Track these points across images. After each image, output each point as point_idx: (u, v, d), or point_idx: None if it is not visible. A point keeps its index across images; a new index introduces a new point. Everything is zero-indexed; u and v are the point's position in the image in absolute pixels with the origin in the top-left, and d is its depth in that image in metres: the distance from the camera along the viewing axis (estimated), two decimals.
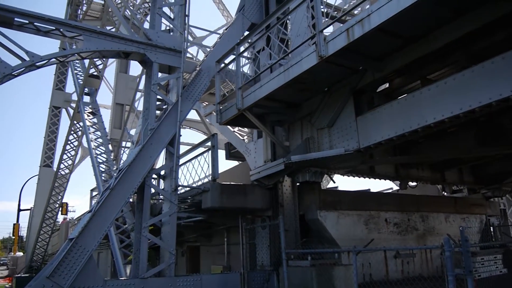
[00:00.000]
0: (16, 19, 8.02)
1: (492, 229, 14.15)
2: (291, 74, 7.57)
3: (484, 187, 14.40)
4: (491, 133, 10.12)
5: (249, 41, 9.40)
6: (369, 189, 15.66)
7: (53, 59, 8.38)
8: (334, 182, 10.76)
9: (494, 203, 15.67)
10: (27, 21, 8.09)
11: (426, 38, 6.72)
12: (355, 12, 8.86)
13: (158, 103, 9.30)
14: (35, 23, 8.16)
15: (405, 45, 7.01)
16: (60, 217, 29.28)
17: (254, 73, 9.20)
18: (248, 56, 10.86)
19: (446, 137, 10.81)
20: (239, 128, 13.11)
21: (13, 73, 7.77)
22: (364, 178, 12.17)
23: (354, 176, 11.90)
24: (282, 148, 9.80)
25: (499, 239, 14.23)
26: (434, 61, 7.39)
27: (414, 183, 13.70)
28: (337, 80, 8.30)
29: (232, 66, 9.80)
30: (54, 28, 8.33)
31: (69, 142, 21.83)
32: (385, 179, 12.68)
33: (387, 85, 8.88)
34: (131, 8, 18.89)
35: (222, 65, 9.90)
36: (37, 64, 8.07)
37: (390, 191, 19.54)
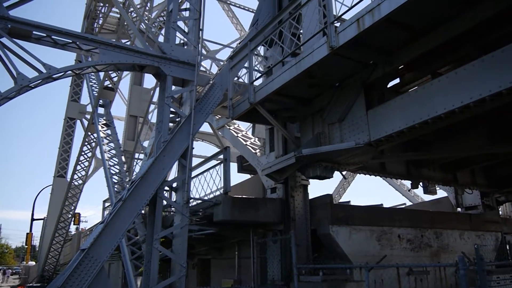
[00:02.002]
0: (34, 32, 8.21)
1: (508, 247, 13.88)
2: (303, 65, 7.63)
3: (498, 190, 14.16)
4: (502, 131, 10.08)
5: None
6: (382, 204, 15.50)
7: (69, 72, 8.52)
8: (345, 179, 10.65)
9: (511, 221, 15.40)
10: (45, 34, 8.27)
11: (436, 31, 6.73)
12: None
13: (171, 115, 9.37)
14: (52, 36, 8.34)
15: (415, 38, 7.03)
16: (73, 227, 29.49)
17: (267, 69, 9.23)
18: (261, 54, 10.95)
19: (458, 136, 10.73)
20: (252, 142, 13.12)
21: (30, 85, 7.92)
22: (375, 176, 12.00)
23: (365, 174, 11.74)
24: (294, 143, 9.78)
25: None
26: (444, 55, 7.40)
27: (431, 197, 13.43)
28: (348, 75, 8.33)
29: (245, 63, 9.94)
30: (71, 41, 8.50)
31: (83, 153, 22.04)
32: (396, 178, 12.48)
33: (397, 80, 8.88)
34: (146, 21, 19.18)
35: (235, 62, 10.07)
36: (54, 76, 8.22)
37: (403, 206, 19.36)
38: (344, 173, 10.49)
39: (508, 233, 14.14)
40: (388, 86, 8.79)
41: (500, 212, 16.89)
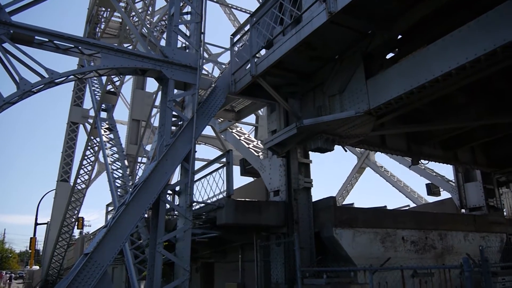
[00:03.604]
0: (36, 37, 8.24)
1: None
2: (302, 34, 7.74)
3: (498, 170, 14.21)
4: (500, 104, 10.27)
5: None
6: (386, 206, 15.44)
7: (72, 76, 8.54)
8: (345, 151, 10.73)
9: None
10: (47, 39, 8.28)
11: None
12: None
13: (173, 119, 9.38)
14: (54, 41, 8.35)
15: (412, 5, 7.20)
16: (76, 232, 29.53)
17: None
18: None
19: (456, 111, 10.93)
20: (254, 144, 13.11)
21: (32, 90, 7.93)
22: (376, 151, 12.04)
23: (366, 149, 11.74)
24: (295, 117, 9.81)
25: None
26: (441, 22, 7.50)
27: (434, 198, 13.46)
28: (347, 46, 8.48)
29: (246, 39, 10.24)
30: (73, 46, 8.51)
31: (86, 157, 22.06)
32: (396, 154, 12.53)
33: (397, 51, 9.01)
34: (148, 26, 19.23)
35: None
36: (56, 81, 8.23)
37: (407, 208, 19.31)
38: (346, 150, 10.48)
39: None
40: (387, 57, 8.93)
41: (505, 213, 16.84)
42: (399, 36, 8.71)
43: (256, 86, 9.58)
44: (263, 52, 9.57)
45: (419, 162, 12.71)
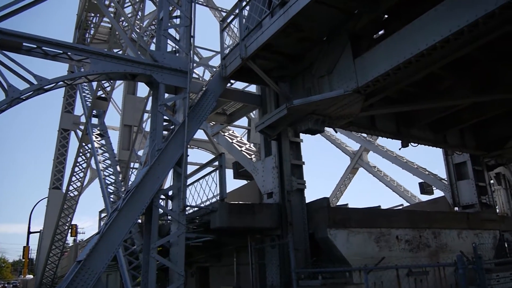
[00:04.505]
0: (24, 43, 8.16)
1: (506, 245, 13.87)
2: (289, 14, 7.97)
3: (487, 154, 14.38)
4: (485, 81, 10.63)
5: None
6: (380, 206, 15.48)
7: (61, 82, 8.48)
8: (336, 132, 10.84)
9: (508, 218, 15.41)
10: (35, 46, 8.21)
11: None
12: None
13: (165, 123, 9.32)
14: (43, 48, 8.28)
15: None
16: (70, 239, 29.32)
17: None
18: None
19: (444, 90, 11.26)
20: (247, 147, 13.09)
21: (21, 97, 7.86)
22: (366, 134, 12.10)
23: (356, 131, 11.86)
24: (286, 99, 9.92)
25: None
26: None
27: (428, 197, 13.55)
28: (334, 27, 8.70)
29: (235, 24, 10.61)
30: (61, 52, 8.45)
31: (77, 164, 21.94)
32: (386, 136, 12.70)
33: (383, 31, 9.21)
34: (138, 30, 19.17)
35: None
36: (45, 87, 8.16)
37: (400, 207, 19.36)
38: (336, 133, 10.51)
39: (506, 231, 14.13)
40: (375, 37, 9.13)
41: (498, 210, 16.94)
42: (386, 16, 8.99)
43: (246, 70, 9.84)
44: None
45: (409, 144, 12.79)
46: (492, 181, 18.10)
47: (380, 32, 9.29)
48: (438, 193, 16.84)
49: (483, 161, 14.66)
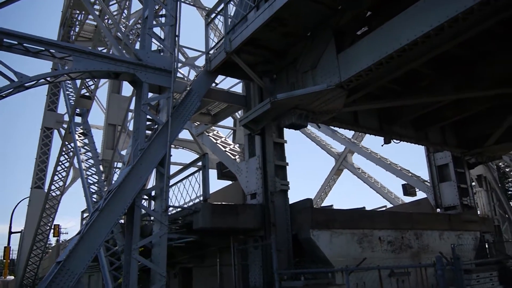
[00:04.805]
0: (5, 40, 7.99)
1: (487, 246, 14.08)
2: (274, 7, 8.06)
3: (467, 152, 14.64)
4: (466, 79, 10.88)
5: None
6: (364, 207, 15.57)
7: (42, 80, 8.33)
8: (319, 127, 10.96)
9: (489, 220, 15.65)
10: (16, 42, 8.05)
11: None
12: None
13: (148, 123, 9.24)
14: (24, 44, 8.11)
15: None
16: (53, 240, 28.94)
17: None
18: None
19: (425, 87, 11.51)
20: (231, 148, 13.06)
21: (1, 94, 7.71)
22: (349, 130, 12.26)
23: (339, 127, 12.05)
24: (270, 94, 9.93)
25: (494, 255, 14.16)
26: None
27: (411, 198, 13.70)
28: (318, 22, 8.84)
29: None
30: (43, 48, 8.30)
31: (60, 163, 21.67)
32: (369, 133, 12.91)
33: (366, 28, 9.32)
34: (123, 29, 19.01)
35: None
36: (26, 84, 8.00)
37: (384, 209, 19.53)
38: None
39: (486, 232, 14.36)
40: (358, 34, 9.23)
41: (479, 212, 17.19)
42: (369, 13, 9.14)
43: (231, 65, 9.93)
44: None
45: (391, 141, 12.95)
46: (473, 183, 18.38)
47: (364, 29, 9.43)
48: (421, 195, 17.06)
49: (465, 160, 14.89)
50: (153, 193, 9.01)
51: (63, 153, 21.02)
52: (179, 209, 10.13)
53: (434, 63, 10.59)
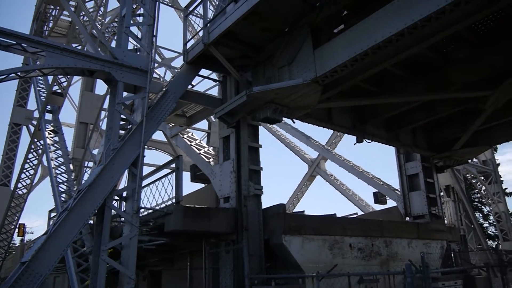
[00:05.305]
0: None
1: (452, 255, 14.42)
2: (253, 1, 8.20)
3: (436, 155, 14.99)
4: (438, 82, 11.23)
5: None
6: (335, 214, 15.71)
7: (13, 75, 8.11)
8: (294, 122, 11.13)
9: (455, 229, 16.04)
10: None
11: None
12: None
13: (122, 122, 9.11)
14: None
15: None
16: (18, 239, 28.09)
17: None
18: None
19: (398, 88, 11.85)
20: (205, 151, 12.98)
21: None
22: (323, 127, 12.43)
23: (313, 124, 12.16)
24: (246, 88, 10.01)
25: (460, 264, 14.51)
26: None
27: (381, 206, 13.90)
28: (296, 18, 8.98)
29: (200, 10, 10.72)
30: (15, 42, 8.08)
31: (28, 161, 21.04)
32: (342, 131, 13.33)
33: (343, 26, 9.49)
34: (99, 26, 18.69)
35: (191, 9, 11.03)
36: None
37: (354, 216, 19.74)
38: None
39: (452, 241, 14.71)
40: (335, 31, 9.41)
41: (446, 221, 17.59)
42: (346, 12, 9.41)
43: (208, 57, 10.05)
44: None
45: (363, 140, 13.16)
46: (442, 193, 18.82)
47: (340, 27, 9.62)
48: (391, 203, 17.32)
49: (433, 162, 15.21)
50: (124, 194, 8.87)
51: (32, 150, 20.44)
52: (150, 211, 9.99)
53: (407, 64, 10.96)
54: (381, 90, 11.89)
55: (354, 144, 13.45)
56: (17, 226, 24.33)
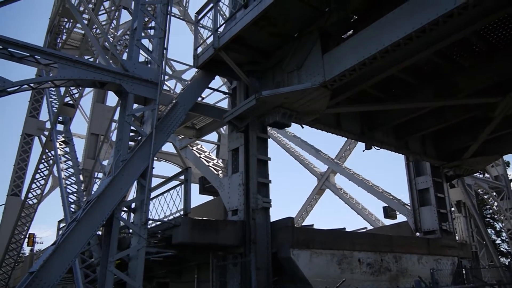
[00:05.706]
0: None
1: (464, 272, 14.17)
2: (262, 5, 8.28)
3: (446, 164, 14.82)
4: (447, 88, 11.28)
5: None
6: (344, 228, 15.57)
7: (26, 86, 8.22)
8: (302, 128, 11.20)
9: (466, 246, 15.79)
10: (1, 47, 7.94)
11: None
12: None
13: (132, 134, 9.15)
14: (9, 49, 8.02)
15: None
16: (27, 249, 28.22)
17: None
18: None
19: (407, 94, 11.94)
20: (214, 163, 13.00)
21: None
22: (332, 133, 12.41)
23: (322, 129, 12.11)
24: (255, 91, 10.01)
25: (471, 282, 14.25)
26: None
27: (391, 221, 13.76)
28: (305, 23, 9.09)
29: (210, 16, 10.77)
30: (28, 54, 8.21)
31: (39, 171, 21.24)
32: (350, 138, 13.32)
33: (352, 31, 9.57)
34: (111, 39, 18.95)
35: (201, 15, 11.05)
36: (8, 89, 7.88)
37: (364, 230, 19.57)
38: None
39: (464, 258, 14.47)
40: (344, 36, 9.50)
41: (457, 237, 17.35)
42: (355, 17, 9.47)
43: (218, 63, 10.20)
44: None
45: (372, 147, 13.09)
46: (453, 209, 18.59)
47: (349, 32, 9.71)
48: (401, 218, 17.15)
49: (443, 171, 15.04)
50: (133, 205, 8.89)
51: (43, 160, 20.64)
52: (158, 223, 9.98)
53: (416, 70, 11.04)
54: (389, 96, 11.97)
55: (363, 151, 13.39)
56: (27, 236, 24.48)
